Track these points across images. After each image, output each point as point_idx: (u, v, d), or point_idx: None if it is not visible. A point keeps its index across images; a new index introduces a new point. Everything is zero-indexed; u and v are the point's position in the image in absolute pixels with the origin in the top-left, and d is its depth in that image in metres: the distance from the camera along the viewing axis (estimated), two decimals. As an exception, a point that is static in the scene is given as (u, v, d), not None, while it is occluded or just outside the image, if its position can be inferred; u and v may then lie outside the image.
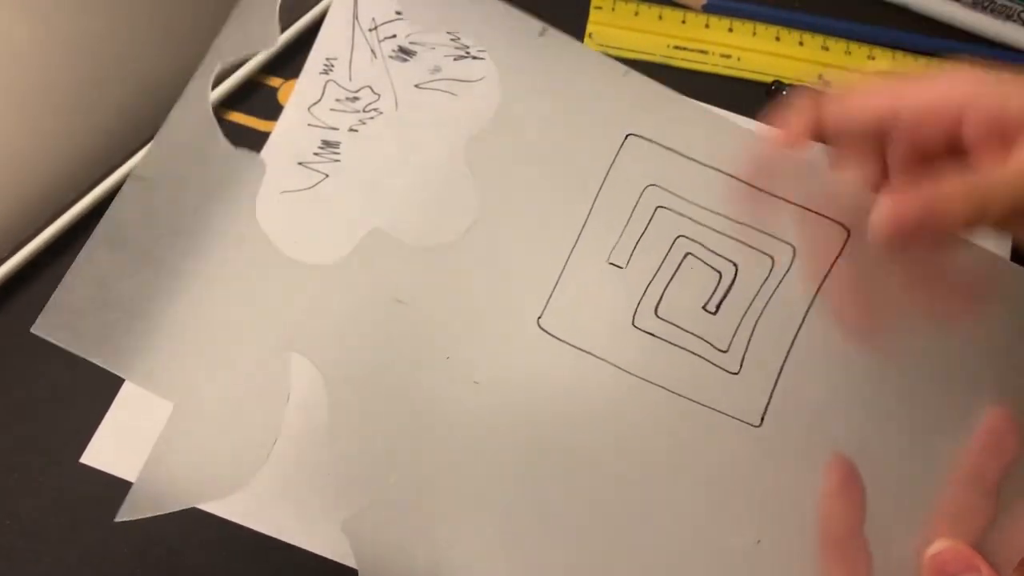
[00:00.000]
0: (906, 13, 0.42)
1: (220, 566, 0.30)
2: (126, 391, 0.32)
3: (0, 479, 0.30)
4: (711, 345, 0.25)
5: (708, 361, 0.25)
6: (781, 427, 0.25)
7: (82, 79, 0.33)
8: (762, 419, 0.25)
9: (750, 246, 0.25)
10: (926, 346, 0.25)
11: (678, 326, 0.25)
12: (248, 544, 0.30)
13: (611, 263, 0.25)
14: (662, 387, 0.25)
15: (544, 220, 0.25)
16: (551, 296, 0.25)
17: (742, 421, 0.25)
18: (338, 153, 0.36)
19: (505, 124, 0.25)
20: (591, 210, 0.25)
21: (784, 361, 0.25)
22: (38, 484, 0.30)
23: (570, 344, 0.25)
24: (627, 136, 0.25)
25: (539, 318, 0.25)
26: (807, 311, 0.25)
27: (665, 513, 0.25)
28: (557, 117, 0.25)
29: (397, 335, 0.25)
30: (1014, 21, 0.42)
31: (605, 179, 0.25)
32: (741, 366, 0.25)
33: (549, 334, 0.25)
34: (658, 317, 0.25)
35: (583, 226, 0.25)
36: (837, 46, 0.41)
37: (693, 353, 0.25)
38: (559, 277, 0.25)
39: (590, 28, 0.40)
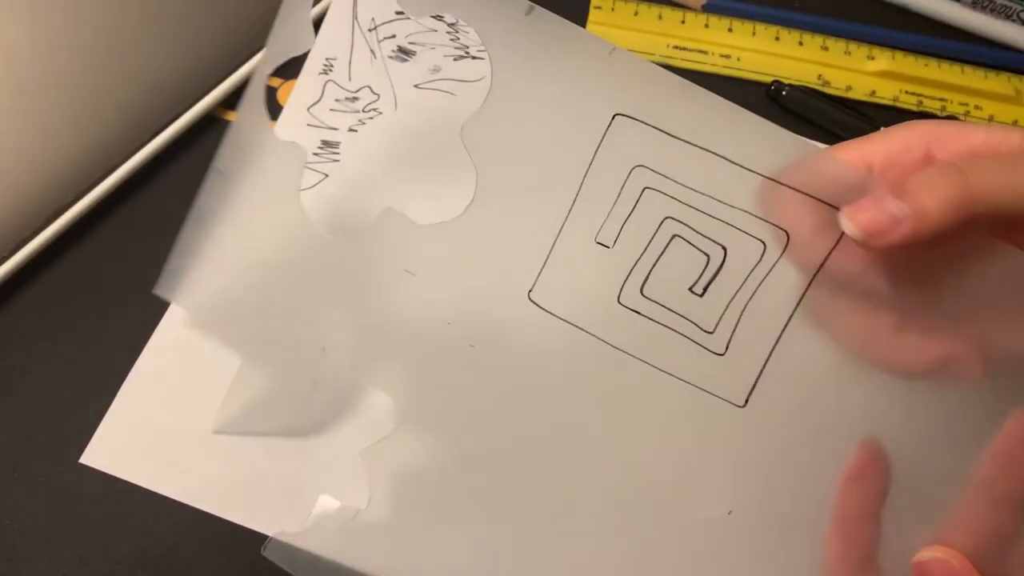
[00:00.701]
0: (906, 13, 0.42)
1: (219, 565, 0.30)
2: (126, 391, 0.32)
3: (0, 479, 0.30)
4: (696, 326, 0.25)
5: (692, 341, 0.25)
6: (767, 409, 0.25)
7: (82, 79, 0.33)
8: (747, 400, 0.25)
9: (740, 230, 0.24)
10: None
11: (663, 306, 0.25)
12: (248, 544, 0.30)
13: (598, 242, 0.25)
14: (645, 362, 0.25)
15: (535, 200, 0.26)
16: (541, 271, 0.26)
17: (725, 400, 0.25)
18: (338, 153, 0.36)
19: (497, 104, 0.25)
20: (579, 191, 0.25)
21: (775, 345, 0.25)
22: (38, 484, 0.30)
23: (558, 316, 0.26)
24: (614, 116, 0.24)
25: (530, 291, 0.26)
26: (800, 299, 0.24)
27: (637, 480, 0.26)
28: (546, 97, 0.25)
29: (404, 302, 0.27)
30: (1014, 21, 0.42)
31: (592, 161, 0.25)
32: (727, 348, 0.25)
33: (539, 306, 0.26)
34: (643, 296, 0.25)
35: (571, 206, 0.25)
36: (837, 46, 0.41)
37: (677, 332, 0.25)
38: (549, 254, 0.26)
39: (589, 28, 0.40)
